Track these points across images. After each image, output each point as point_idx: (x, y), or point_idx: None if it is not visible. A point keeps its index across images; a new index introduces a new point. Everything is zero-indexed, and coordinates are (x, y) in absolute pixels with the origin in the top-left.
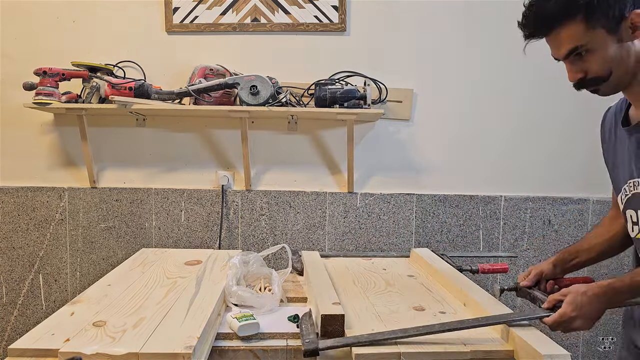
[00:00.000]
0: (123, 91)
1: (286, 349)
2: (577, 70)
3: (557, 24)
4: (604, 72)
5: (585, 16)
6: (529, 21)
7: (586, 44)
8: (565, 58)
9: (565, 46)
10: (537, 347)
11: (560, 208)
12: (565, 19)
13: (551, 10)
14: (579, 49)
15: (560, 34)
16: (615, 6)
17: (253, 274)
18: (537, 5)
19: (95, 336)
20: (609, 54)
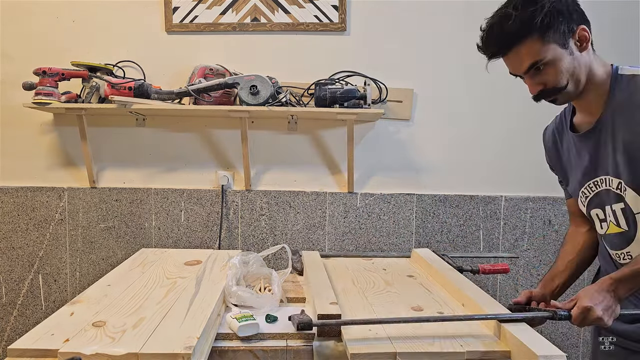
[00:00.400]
0: (123, 91)
1: (286, 350)
2: (537, 83)
3: (517, 42)
4: (562, 83)
5: (540, 34)
6: (490, 42)
7: (543, 58)
8: (525, 73)
9: (526, 62)
10: (533, 347)
11: (560, 208)
12: (523, 37)
13: (511, 30)
14: (538, 63)
15: (521, 51)
16: (564, 23)
17: (253, 274)
18: (497, 27)
19: (95, 336)
20: (564, 66)
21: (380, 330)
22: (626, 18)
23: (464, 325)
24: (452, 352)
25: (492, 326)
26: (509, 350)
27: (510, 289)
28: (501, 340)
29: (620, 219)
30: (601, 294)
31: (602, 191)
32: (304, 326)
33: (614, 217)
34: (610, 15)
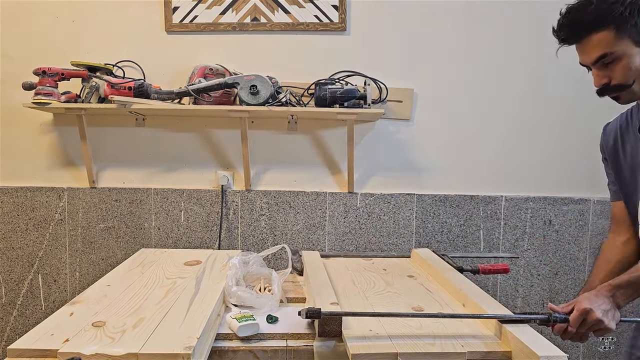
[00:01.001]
0: (122, 91)
1: (286, 350)
2: (603, 76)
3: (590, 31)
4: (627, 80)
5: (616, 26)
6: (564, 27)
7: (614, 52)
8: (594, 64)
9: (595, 52)
10: (534, 348)
11: (561, 208)
12: (598, 27)
13: (587, 19)
14: (607, 57)
15: (592, 40)
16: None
17: (253, 275)
18: (574, 13)
19: (95, 336)
20: (633, 64)
21: (381, 330)
22: None
23: (465, 326)
24: (453, 353)
25: (493, 326)
26: (510, 351)
27: (511, 289)
28: (502, 340)
29: None
30: (600, 298)
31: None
32: (312, 314)
33: None
34: None
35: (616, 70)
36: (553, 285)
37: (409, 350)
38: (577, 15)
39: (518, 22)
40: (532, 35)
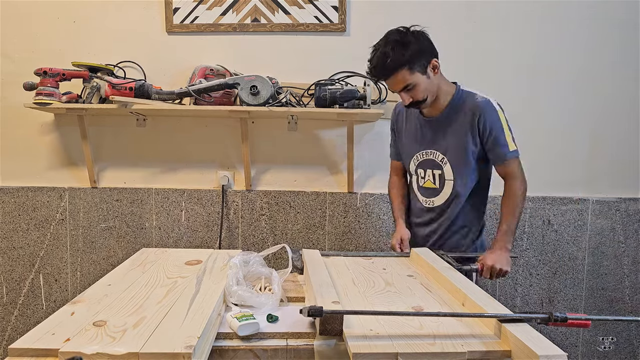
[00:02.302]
0: (123, 91)
1: (286, 349)
2: (408, 98)
3: (393, 72)
4: (423, 97)
5: (409, 67)
6: (376, 71)
7: (411, 82)
8: (400, 91)
9: (400, 85)
10: (534, 347)
11: (560, 208)
12: (397, 70)
13: (390, 65)
14: (409, 86)
15: (396, 77)
16: (423, 58)
17: (253, 274)
18: (380, 63)
19: (96, 336)
20: (424, 87)
21: (381, 329)
22: (626, 18)
23: (465, 325)
24: (453, 352)
25: (493, 326)
26: (509, 350)
27: (510, 289)
28: (502, 340)
29: (436, 179)
30: (496, 253)
31: (429, 159)
32: (314, 313)
33: (432, 177)
34: (610, 15)
35: (415, 93)
36: (552, 285)
37: (409, 350)
38: (382, 64)
39: (520, 23)
40: (534, 37)
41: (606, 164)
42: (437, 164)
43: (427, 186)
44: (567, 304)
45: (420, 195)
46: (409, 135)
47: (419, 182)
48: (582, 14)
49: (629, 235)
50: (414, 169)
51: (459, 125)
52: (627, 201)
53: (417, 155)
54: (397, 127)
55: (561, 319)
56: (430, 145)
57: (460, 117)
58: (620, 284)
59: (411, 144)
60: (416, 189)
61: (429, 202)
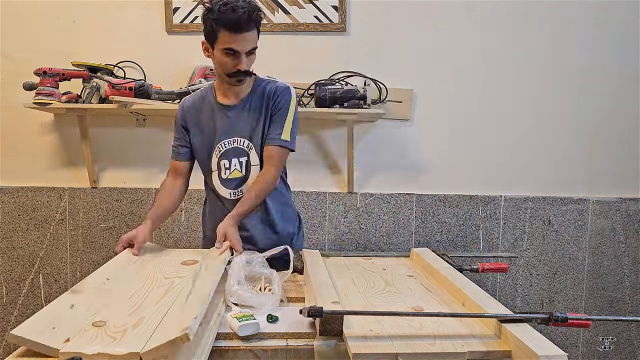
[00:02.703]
0: (123, 91)
1: (286, 349)
2: (248, 64)
3: (252, 27)
4: (252, 69)
5: (258, 29)
6: (239, 17)
7: (256, 47)
8: (247, 53)
9: (250, 45)
10: (534, 347)
11: (560, 208)
12: (257, 27)
13: (254, 18)
14: (253, 50)
15: (252, 35)
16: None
17: (254, 274)
18: (247, 9)
19: (96, 336)
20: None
21: (381, 330)
22: (627, 18)
23: (465, 326)
24: (453, 353)
25: (493, 326)
26: (509, 350)
27: (510, 289)
28: (502, 340)
29: (242, 167)
30: (230, 226)
31: (233, 148)
32: (314, 313)
33: (239, 166)
34: (610, 15)
35: (252, 61)
36: (552, 285)
37: (409, 350)
38: (248, 12)
39: (520, 23)
40: (534, 37)
41: (606, 164)
42: (242, 150)
43: (233, 176)
44: (568, 304)
45: (226, 188)
46: (207, 126)
47: (224, 175)
48: (583, 14)
49: (630, 236)
50: (216, 162)
51: (260, 108)
52: (628, 201)
53: (219, 146)
54: (190, 122)
55: (561, 319)
56: (233, 132)
57: (261, 101)
58: (620, 284)
59: (211, 135)
60: (218, 185)
61: (236, 192)
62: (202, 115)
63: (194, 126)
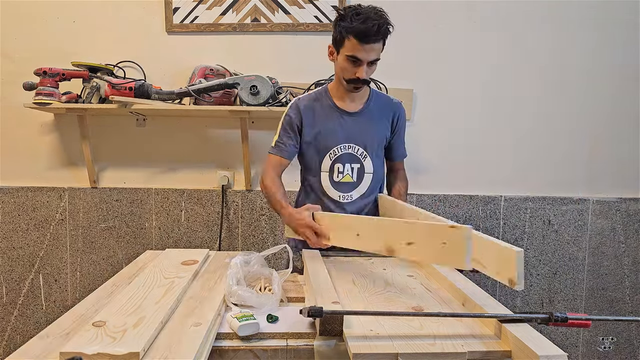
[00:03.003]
0: (123, 91)
1: (286, 349)
2: (367, 73)
3: (382, 39)
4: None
5: (384, 41)
6: (370, 28)
7: (379, 58)
8: (369, 63)
9: (375, 55)
10: (534, 347)
11: (560, 208)
12: (385, 38)
13: (383, 30)
14: (376, 61)
15: (379, 45)
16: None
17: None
18: (380, 22)
19: (96, 336)
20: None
21: (381, 330)
22: (627, 18)
23: (465, 326)
24: (453, 353)
25: (493, 326)
26: (509, 350)
27: (510, 289)
28: (502, 340)
29: (354, 173)
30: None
31: (348, 153)
32: (314, 313)
33: (351, 172)
34: (611, 16)
35: (372, 71)
36: (552, 285)
37: (409, 351)
38: (379, 25)
39: (520, 23)
40: (534, 37)
41: (606, 164)
42: (356, 157)
43: (345, 181)
44: (568, 304)
45: (337, 191)
46: (325, 129)
47: (337, 178)
48: (583, 14)
49: (630, 236)
50: (330, 164)
51: (384, 121)
52: (628, 201)
53: (335, 150)
54: (307, 122)
55: (561, 319)
56: (352, 138)
57: (383, 113)
58: (620, 284)
59: (328, 138)
60: (330, 185)
61: (346, 196)
62: (318, 117)
63: (310, 127)
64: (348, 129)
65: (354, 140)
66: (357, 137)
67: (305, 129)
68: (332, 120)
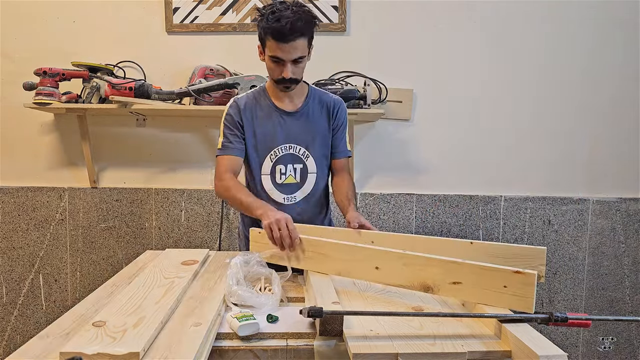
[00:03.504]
0: (123, 91)
1: (286, 349)
2: (294, 72)
3: (299, 36)
4: (301, 77)
5: (309, 37)
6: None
7: (303, 56)
8: (293, 62)
9: (297, 53)
10: (534, 347)
11: (560, 208)
12: (304, 34)
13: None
14: (300, 59)
15: (298, 43)
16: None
17: (254, 274)
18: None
19: (96, 336)
20: (304, 66)
21: (381, 330)
22: (627, 18)
23: (465, 326)
24: (453, 353)
25: (493, 326)
26: (509, 350)
27: None
28: (502, 340)
29: (297, 174)
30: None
31: (290, 154)
32: (314, 313)
33: (294, 173)
34: (611, 16)
35: (299, 69)
36: (552, 285)
37: (409, 351)
38: (293, 21)
39: (520, 23)
40: (534, 37)
41: (606, 164)
42: (298, 157)
43: (288, 182)
44: (568, 304)
45: (280, 193)
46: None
47: (279, 180)
48: (583, 14)
49: (630, 236)
50: (271, 166)
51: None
52: (628, 201)
53: (276, 150)
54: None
55: (561, 319)
56: (292, 138)
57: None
58: (620, 284)
59: (268, 139)
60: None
61: (289, 198)
62: (258, 117)
63: (249, 127)
64: (288, 128)
65: (295, 140)
66: (298, 137)
67: (245, 128)
68: (271, 120)
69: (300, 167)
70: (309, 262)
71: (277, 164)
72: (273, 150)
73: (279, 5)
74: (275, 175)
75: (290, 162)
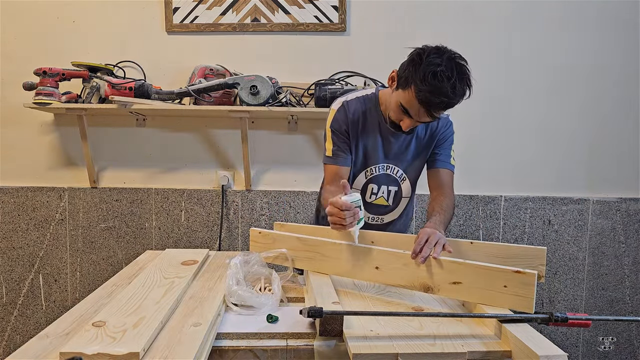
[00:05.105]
0: (123, 91)
1: (286, 349)
2: (413, 129)
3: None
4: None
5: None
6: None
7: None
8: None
9: (428, 121)
10: (534, 347)
11: (560, 208)
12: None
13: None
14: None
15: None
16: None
17: (254, 274)
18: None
19: (96, 336)
20: None
21: (381, 330)
22: (627, 18)
23: (465, 326)
24: (453, 353)
25: (493, 326)
26: (509, 350)
27: None
28: (502, 340)
29: (389, 197)
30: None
31: (386, 174)
32: (314, 313)
33: (386, 195)
34: (611, 16)
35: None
36: (552, 285)
37: (410, 351)
38: (450, 103)
39: (520, 23)
40: (534, 37)
41: (606, 164)
42: (394, 179)
43: (377, 203)
44: (568, 304)
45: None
46: (370, 143)
47: (369, 199)
48: (583, 15)
49: (630, 236)
50: (364, 183)
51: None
52: (628, 201)
53: (372, 169)
54: (353, 130)
55: (562, 319)
56: (391, 158)
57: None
58: (620, 284)
59: (369, 154)
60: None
61: (376, 218)
62: (364, 130)
63: (354, 138)
64: (390, 147)
65: (393, 161)
66: (397, 157)
67: (350, 138)
68: (375, 136)
69: (395, 190)
70: (309, 262)
71: (371, 182)
72: (370, 168)
73: (441, 72)
74: (366, 194)
75: (385, 184)
